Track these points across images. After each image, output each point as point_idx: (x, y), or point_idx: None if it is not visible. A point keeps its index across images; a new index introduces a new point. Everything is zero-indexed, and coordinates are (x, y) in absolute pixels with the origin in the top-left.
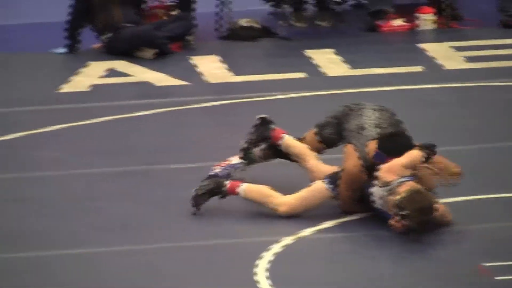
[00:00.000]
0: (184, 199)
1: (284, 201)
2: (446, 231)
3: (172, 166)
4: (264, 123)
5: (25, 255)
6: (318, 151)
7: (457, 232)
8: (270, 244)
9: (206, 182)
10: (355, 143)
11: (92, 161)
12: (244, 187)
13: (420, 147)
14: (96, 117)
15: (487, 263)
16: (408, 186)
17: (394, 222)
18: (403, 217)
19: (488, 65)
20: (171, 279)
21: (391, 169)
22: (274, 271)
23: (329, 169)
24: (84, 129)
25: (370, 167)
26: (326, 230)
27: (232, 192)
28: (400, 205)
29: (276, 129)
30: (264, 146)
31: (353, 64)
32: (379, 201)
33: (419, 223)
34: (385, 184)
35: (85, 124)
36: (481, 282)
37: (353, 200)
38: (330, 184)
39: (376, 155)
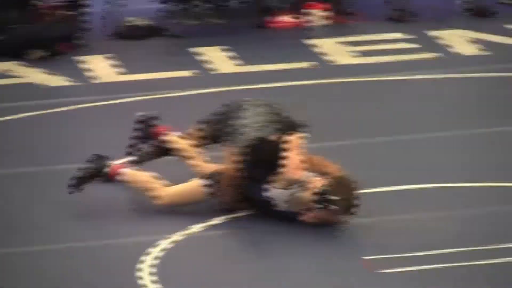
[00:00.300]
0: (70, 201)
1: (162, 193)
2: (340, 224)
3: (59, 167)
4: (144, 121)
5: None
6: (201, 147)
7: (350, 225)
8: (153, 243)
9: (88, 165)
10: (234, 144)
11: None
12: (127, 173)
13: (294, 130)
14: None
15: (371, 256)
16: (323, 179)
17: (309, 215)
18: (329, 203)
19: (377, 60)
20: (54, 282)
21: (294, 167)
22: (158, 270)
23: (211, 168)
24: None
25: (249, 167)
26: (210, 227)
27: (114, 176)
28: (327, 193)
29: (158, 127)
30: (149, 144)
31: (244, 61)
32: (286, 202)
33: (346, 208)
34: (293, 183)
35: None
36: (362, 275)
37: (235, 199)
38: (206, 183)
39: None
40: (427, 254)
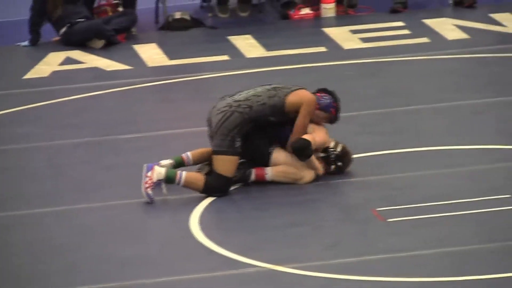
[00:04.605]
0: (132, 164)
1: (304, 175)
2: (347, 182)
3: (122, 137)
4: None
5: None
6: None
7: (356, 183)
8: (200, 199)
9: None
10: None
11: (55, 135)
12: (272, 172)
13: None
14: (57, 98)
15: (381, 208)
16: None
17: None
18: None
19: (380, 44)
20: (124, 231)
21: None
22: (205, 220)
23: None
24: (48, 108)
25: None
26: (242, 186)
27: (261, 180)
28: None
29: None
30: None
31: (269, 47)
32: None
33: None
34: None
35: (48, 104)
36: (376, 224)
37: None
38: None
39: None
40: (431, 205)
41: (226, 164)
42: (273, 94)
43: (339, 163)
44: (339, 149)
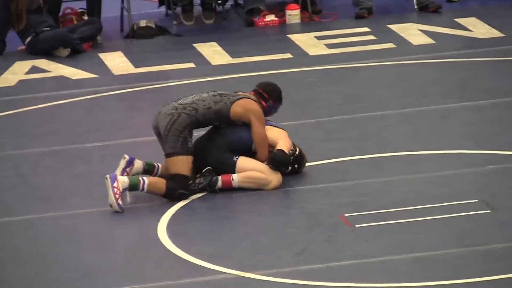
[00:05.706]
0: (99, 172)
1: (271, 180)
2: (314, 188)
3: (89, 145)
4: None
5: None
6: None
7: (323, 189)
8: (168, 207)
9: (201, 180)
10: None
11: (21, 144)
12: (238, 178)
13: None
14: (23, 107)
15: (348, 213)
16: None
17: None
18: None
19: (345, 50)
20: (92, 240)
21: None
22: (172, 227)
23: None
24: (14, 117)
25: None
26: (209, 194)
27: (227, 186)
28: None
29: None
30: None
31: (234, 54)
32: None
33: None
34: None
35: (14, 113)
36: (343, 230)
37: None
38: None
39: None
40: (398, 210)
41: (181, 165)
42: (219, 100)
43: (296, 165)
44: (297, 152)
